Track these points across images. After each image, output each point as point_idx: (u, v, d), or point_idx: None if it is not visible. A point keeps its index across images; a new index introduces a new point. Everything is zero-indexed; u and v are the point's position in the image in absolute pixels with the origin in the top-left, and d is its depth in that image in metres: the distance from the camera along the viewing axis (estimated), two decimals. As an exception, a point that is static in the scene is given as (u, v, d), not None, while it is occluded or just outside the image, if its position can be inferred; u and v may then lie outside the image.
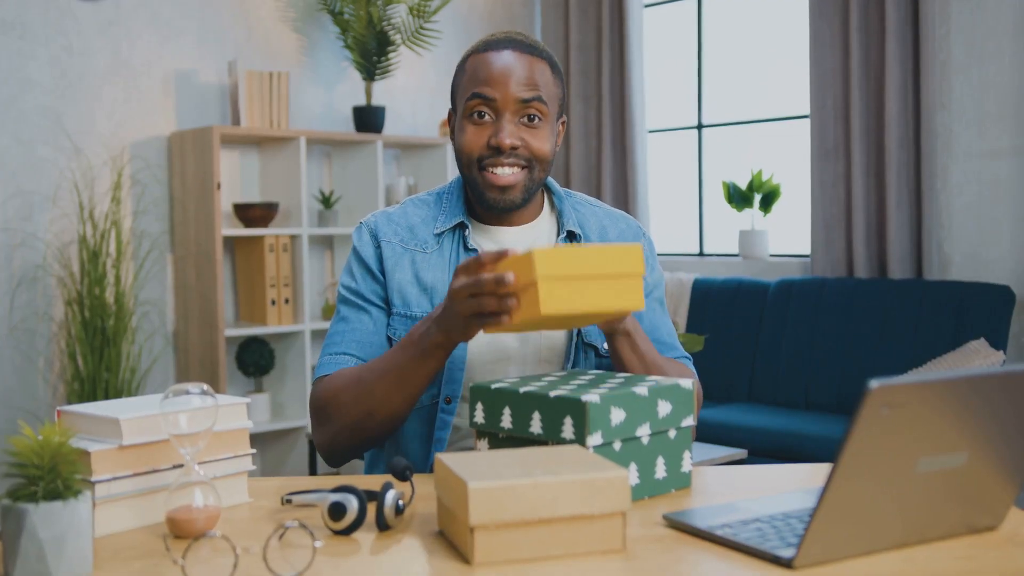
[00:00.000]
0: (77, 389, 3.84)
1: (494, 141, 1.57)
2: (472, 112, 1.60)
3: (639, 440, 1.31)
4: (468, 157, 1.61)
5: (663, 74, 5.20)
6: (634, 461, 1.31)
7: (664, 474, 1.35)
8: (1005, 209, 3.90)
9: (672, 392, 1.35)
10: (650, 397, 1.32)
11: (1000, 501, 1.15)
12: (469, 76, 1.61)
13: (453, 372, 1.60)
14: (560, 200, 1.72)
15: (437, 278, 1.64)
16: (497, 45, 1.61)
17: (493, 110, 1.59)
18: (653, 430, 1.32)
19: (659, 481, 1.34)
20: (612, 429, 1.27)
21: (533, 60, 1.60)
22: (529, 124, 1.59)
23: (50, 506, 1.01)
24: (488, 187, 1.60)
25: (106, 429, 1.23)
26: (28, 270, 3.88)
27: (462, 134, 1.61)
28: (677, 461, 1.36)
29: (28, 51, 3.88)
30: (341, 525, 1.18)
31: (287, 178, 4.32)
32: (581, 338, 1.63)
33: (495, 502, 1.06)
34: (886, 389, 0.96)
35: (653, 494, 1.34)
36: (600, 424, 1.26)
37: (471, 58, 1.63)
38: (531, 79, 1.59)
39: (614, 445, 1.28)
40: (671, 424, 1.34)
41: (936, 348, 3.74)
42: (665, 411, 1.34)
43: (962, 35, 3.98)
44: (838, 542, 1.05)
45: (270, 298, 4.21)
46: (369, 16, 4.41)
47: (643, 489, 1.32)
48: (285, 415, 4.35)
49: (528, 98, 1.58)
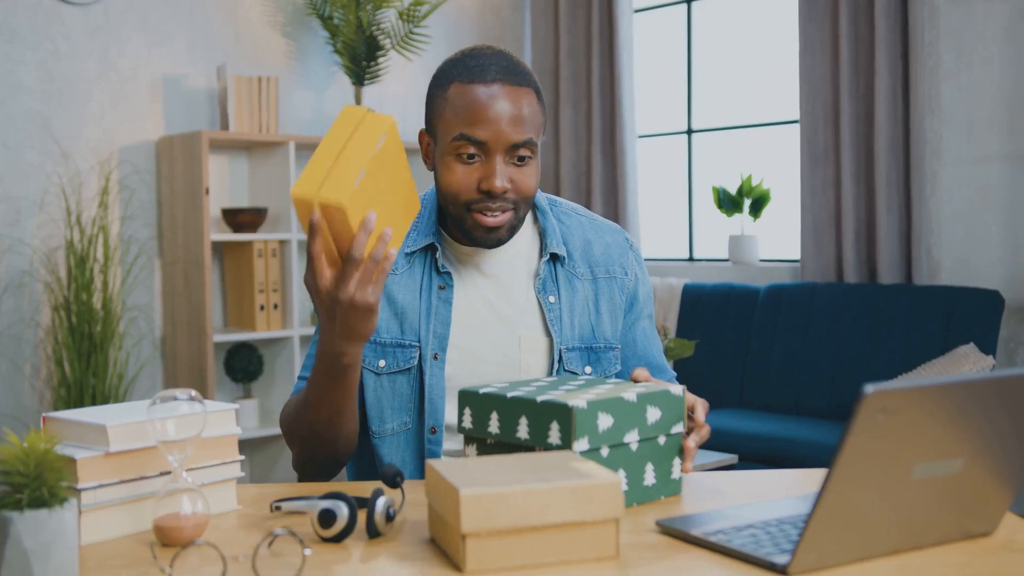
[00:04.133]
0: (64, 395, 3.82)
1: (485, 185, 1.50)
2: (460, 151, 1.51)
3: (627, 447, 1.30)
4: (454, 197, 1.53)
5: (653, 79, 5.20)
6: (622, 467, 1.30)
7: (653, 481, 1.34)
8: (994, 214, 3.91)
9: (662, 398, 1.34)
10: (639, 403, 1.31)
11: (995, 507, 1.14)
12: (454, 111, 1.51)
13: (434, 402, 1.57)
14: (544, 216, 1.66)
15: (407, 301, 1.60)
16: (484, 76, 1.51)
17: (483, 151, 1.51)
18: (642, 436, 1.31)
19: (648, 488, 1.33)
20: (599, 435, 1.26)
21: (521, 93, 1.52)
22: (519, 164, 1.53)
23: (35, 514, 0.99)
24: (476, 228, 1.54)
25: (92, 436, 1.21)
26: (15, 276, 3.85)
27: (447, 172, 1.53)
28: (667, 468, 1.35)
29: (16, 55, 3.86)
30: (331, 532, 1.16)
31: (276, 183, 4.31)
32: (562, 364, 1.60)
33: (487, 509, 1.05)
34: (882, 394, 0.96)
35: (642, 501, 1.33)
36: (587, 429, 1.25)
37: (455, 87, 1.52)
38: (520, 117, 1.50)
39: (601, 451, 1.27)
40: (660, 431, 1.33)
41: (926, 353, 3.74)
42: (654, 417, 1.32)
43: (951, 41, 3.99)
44: (833, 548, 1.04)
45: (259, 303, 4.19)
46: (358, 21, 4.40)
47: (632, 496, 1.31)
48: (273, 421, 4.33)
49: (520, 142, 1.50)
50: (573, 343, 1.61)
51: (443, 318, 1.59)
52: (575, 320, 1.62)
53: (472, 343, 1.59)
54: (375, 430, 1.60)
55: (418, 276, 1.61)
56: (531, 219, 1.68)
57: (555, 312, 1.61)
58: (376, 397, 1.60)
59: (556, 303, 1.62)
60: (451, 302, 1.60)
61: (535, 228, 1.67)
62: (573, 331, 1.62)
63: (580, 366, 1.61)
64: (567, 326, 1.61)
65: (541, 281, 1.62)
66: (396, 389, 1.59)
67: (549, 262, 1.64)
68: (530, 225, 1.67)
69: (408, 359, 1.59)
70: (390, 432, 1.60)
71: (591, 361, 1.62)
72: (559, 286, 1.63)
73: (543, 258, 1.63)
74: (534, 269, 1.64)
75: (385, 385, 1.59)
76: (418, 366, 1.59)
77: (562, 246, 1.65)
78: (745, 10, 4.91)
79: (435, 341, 1.58)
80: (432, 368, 1.58)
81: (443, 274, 1.61)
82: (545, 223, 1.66)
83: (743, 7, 4.91)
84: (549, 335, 1.61)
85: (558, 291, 1.62)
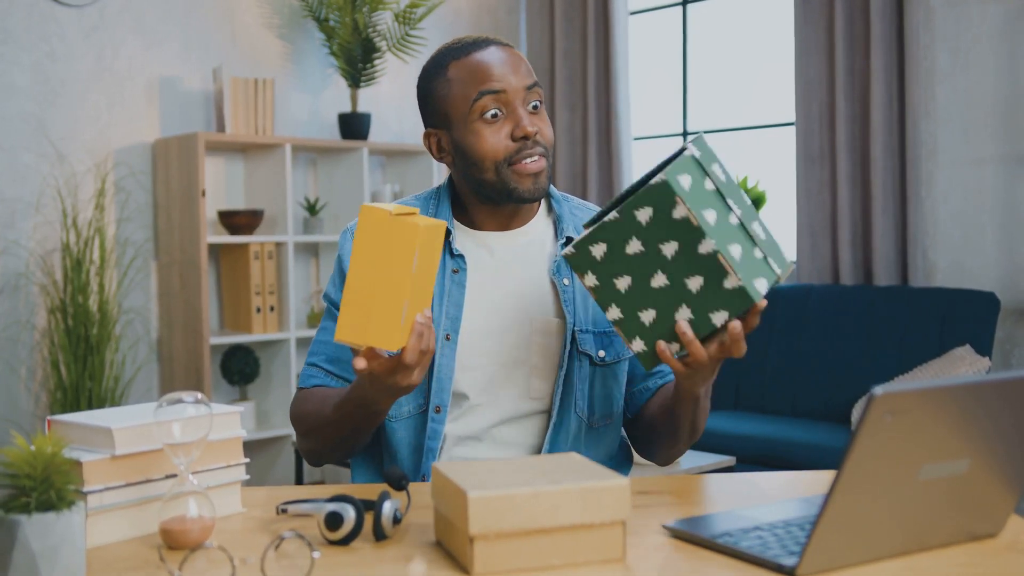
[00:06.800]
0: (60, 398, 3.81)
1: (518, 132, 1.54)
2: (484, 112, 1.55)
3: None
4: (493, 159, 1.55)
5: (648, 81, 5.21)
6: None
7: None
8: (990, 216, 3.92)
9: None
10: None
11: (1000, 508, 1.15)
12: (462, 82, 1.55)
13: (441, 381, 1.59)
14: (559, 204, 1.69)
15: None
16: (477, 45, 1.58)
17: (504, 104, 1.55)
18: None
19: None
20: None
21: (515, 52, 1.60)
22: (535, 112, 1.58)
23: (43, 517, 0.99)
24: (521, 179, 1.55)
25: (98, 439, 1.21)
26: (10, 278, 3.84)
27: (477, 139, 1.55)
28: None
29: (11, 57, 3.85)
30: (338, 535, 1.16)
31: (272, 185, 4.30)
32: (575, 346, 1.61)
33: (495, 511, 1.05)
34: (890, 396, 0.96)
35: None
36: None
37: (453, 65, 1.57)
38: (522, 63, 1.58)
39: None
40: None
41: (922, 355, 3.75)
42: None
43: (947, 43, 4.00)
44: (841, 550, 1.05)
45: (255, 306, 4.18)
46: (355, 23, 4.39)
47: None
48: (270, 423, 4.32)
49: (531, 84, 1.57)
50: (587, 326, 1.62)
51: (456, 300, 1.60)
52: (589, 303, 1.63)
53: (485, 324, 1.61)
54: (392, 414, 1.61)
55: None
56: (546, 207, 1.71)
57: (569, 294, 1.62)
58: None
59: (570, 285, 1.63)
60: (464, 285, 1.61)
61: (550, 216, 1.70)
62: (587, 314, 1.62)
63: (594, 348, 1.62)
64: (581, 308, 1.62)
65: (556, 264, 1.64)
66: None
67: (564, 245, 1.65)
68: (544, 213, 1.70)
69: None
70: (406, 415, 1.61)
71: (604, 345, 1.62)
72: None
73: (559, 241, 1.65)
74: (549, 253, 1.66)
75: None
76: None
77: (577, 231, 1.67)
78: (741, 12, 4.91)
79: (448, 322, 1.59)
80: (443, 348, 1.59)
81: (456, 257, 1.62)
82: (560, 211, 1.69)
83: (739, 9, 4.91)
84: (562, 317, 1.61)
85: (572, 274, 1.64)
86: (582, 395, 1.61)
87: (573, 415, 1.60)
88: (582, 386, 1.61)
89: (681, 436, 1.58)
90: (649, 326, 1.35)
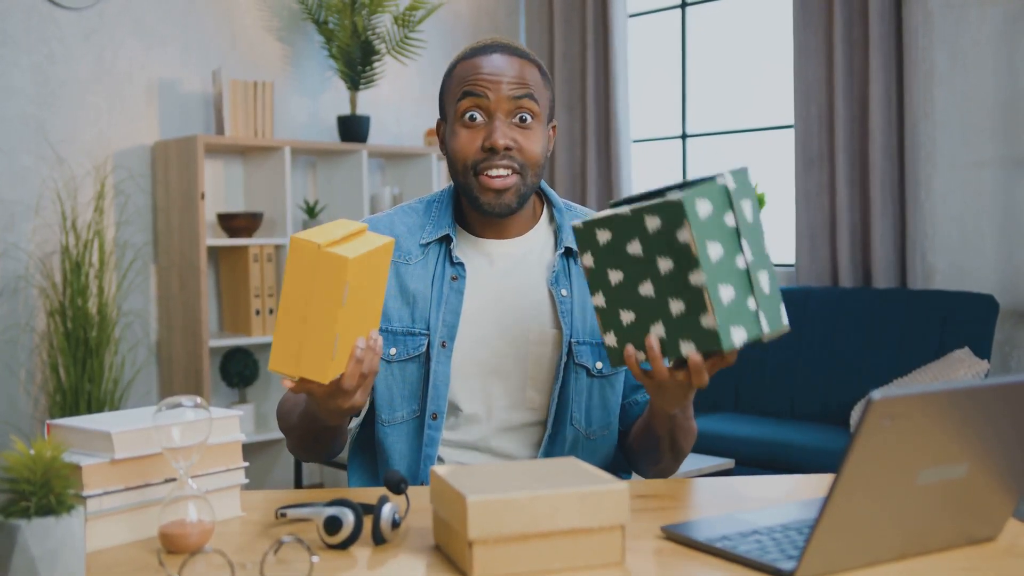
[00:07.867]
0: (59, 401, 3.81)
1: (487, 143, 1.55)
2: (464, 114, 1.57)
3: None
4: (462, 163, 1.58)
5: (647, 84, 5.21)
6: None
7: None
8: (989, 219, 3.93)
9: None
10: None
11: (999, 512, 1.15)
12: (458, 80, 1.60)
13: (438, 388, 1.59)
14: (560, 213, 1.68)
15: (419, 289, 1.62)
16: (485, 49, 1.60)
17: (485, 110, 1.56)
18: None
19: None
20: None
21: (522, 62, 1.60)
22: (521, 125, 1.57)
23: (43, 522, 0.99)
24: (483, 191, 1.57)
25: (97, 443, 1.21)
26: (10, 281, 3.84)
27: (454, 139, 1.59)
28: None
29: (10, 59, 3.85)
30: (337, 539, 1.16)
31: (271, 188, 4.30)
32: (572, 358, 1.60)
33: (494, 515, 1.05)
34: (888, 401, 0.96)
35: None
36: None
37: (460, 64, 1.61)
38: (521, 79, 1.58)
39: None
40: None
41: (921, 357, 3.75)
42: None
43: (945, 46, 4.01)
44: (839, 554, 1.05)
45: (254, 308, 4.18)
46: (354, 26, 4.40)
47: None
48: (269, 426, 4.32)
49: (519, 95, 1.56)
50: (584, 337, 1.61)
51: (454, 307, 1.60)
52: (587, 315, 1.63)
53: (481, 333, 1.61)
54: (385, 419, 1.61)
55: (431, 266, 1.64)
56: (547, 216, 1.70)
57: (567, 305, 1.62)
58: (387, 386, 1.61)
59: (568, 296, 1.63)
60: (463, 292, 1.61)
61: (551, 225, 1.70)
62: (584, 325, 1.62)
63: (591, 360, 1.61)
64: (578, 320, 1.62)
65: (555, 274, 1.63)
66: (406, 377, 1.61)
67: (563, 256, 1.65)
68: (546, 222, 1.70)
69: (417, 346, 1.60)
70: (400, 420, 1.61)
71: (601, 356, 1.62)
72: (572, 281, 1.64)
73: (558, 251, 1.65)
74: (548, 263, 1.65)
75: (396, 373, 1.61)
76: (426, 354, 1.60)
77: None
78: (740, 15, 4.92)
79: (444, 330, 1.59)
80: (439, 355, 1.59)
81: (456, 265, 1.62)
82: (561, 220, 1.68)
83: (738, 12, 4.92)
84: (559, 328, 1.61)
85: (571, 285, 1.63)
86: (578, 407, 1.60)
87: (569, 427, 1.60)
88: (578, 398, 1.60)
89: (662, 452, 1.57)
90: (626, 326, 1.35)
